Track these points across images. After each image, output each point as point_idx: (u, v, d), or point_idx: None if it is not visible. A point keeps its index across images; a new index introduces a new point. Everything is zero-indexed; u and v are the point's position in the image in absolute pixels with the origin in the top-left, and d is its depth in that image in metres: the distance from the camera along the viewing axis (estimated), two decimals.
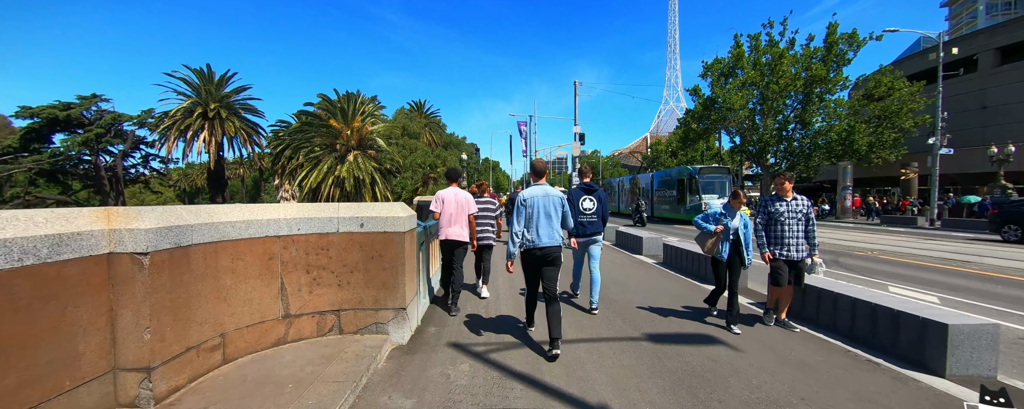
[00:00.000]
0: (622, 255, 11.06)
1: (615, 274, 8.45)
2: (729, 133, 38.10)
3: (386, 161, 28.47)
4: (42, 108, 24.96)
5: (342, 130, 26.23)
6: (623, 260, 10.18)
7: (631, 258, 10.56)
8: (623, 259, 10.35)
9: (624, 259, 10.35)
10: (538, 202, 4.20)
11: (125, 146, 29.32)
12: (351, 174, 24.78)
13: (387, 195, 28.09)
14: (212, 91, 25.49)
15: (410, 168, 40.49)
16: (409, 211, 4.42)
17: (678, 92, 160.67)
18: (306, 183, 24.76)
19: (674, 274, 8.36)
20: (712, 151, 58.40)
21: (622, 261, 10.03)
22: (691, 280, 7.77)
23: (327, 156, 25.66)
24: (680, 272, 8.50)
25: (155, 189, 36.31)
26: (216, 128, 24.92)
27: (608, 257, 10.39)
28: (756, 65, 32.85)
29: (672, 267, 9.05)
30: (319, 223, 3.92)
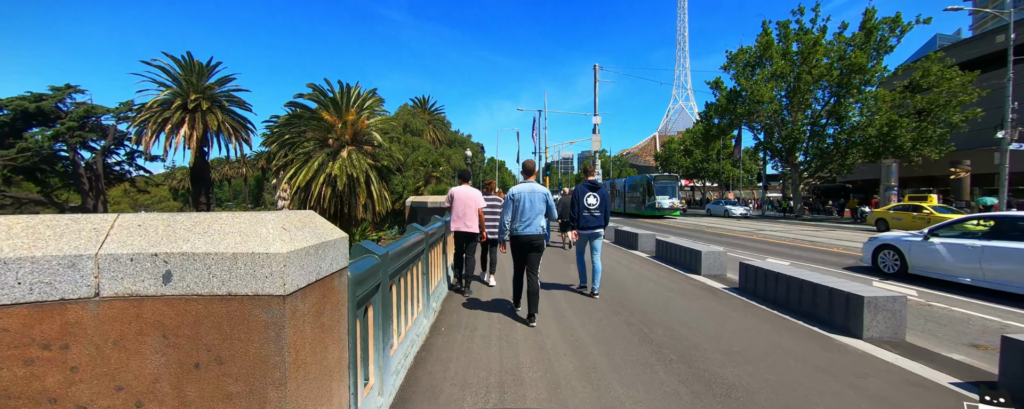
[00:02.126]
0: (619, 251, 11.80)
1: (611, 265, 9.35)
2: (753, 129, 35.42)
3: (384, 158, 26.23)
4: (11, 99, 23.02)
5: (335, 124, 24.02)
6: (620, 255, 11.04)
7: (628, 253, 11.42)
8: (620, 254, 11.14)
9: (621, 254, 11.14)
10: (525, 197, 5.00)
11: (106, 142, 27.36)
12: (344, 172, 22.57)
13: (384, 195, 25.85)
14: (194, 81, 23.39)
15: (412, 166, 38.26)
16: (317, 233, 1.88)
17: (687, 90, 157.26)
18: (294, 181, 22.58)
19: (663, 265, 9.44)
20: (729, 149, 55.58)
21: (618, 256, 10.84)
22: (674, 268, 8.99)
23: (318, 152, 23.47)
24: (669, 263, 9.52)
25: (142, 188, 34.40)
26: (197, 122, 22.83)
27: (607, 253, 11.06)
28: (786, 55, 30.16)
29: (663, 259, 10.00)
30: (39, 270, 1.43)
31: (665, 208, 31.34)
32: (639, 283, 7.62)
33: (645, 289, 7.11)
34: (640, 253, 11.36)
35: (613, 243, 13.55)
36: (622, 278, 8.04)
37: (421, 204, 12.37)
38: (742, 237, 17.24)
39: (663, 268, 9.08)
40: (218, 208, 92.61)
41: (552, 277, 8.05)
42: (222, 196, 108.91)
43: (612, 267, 9.13)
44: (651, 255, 10.91)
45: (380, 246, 3.49)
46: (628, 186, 35.32)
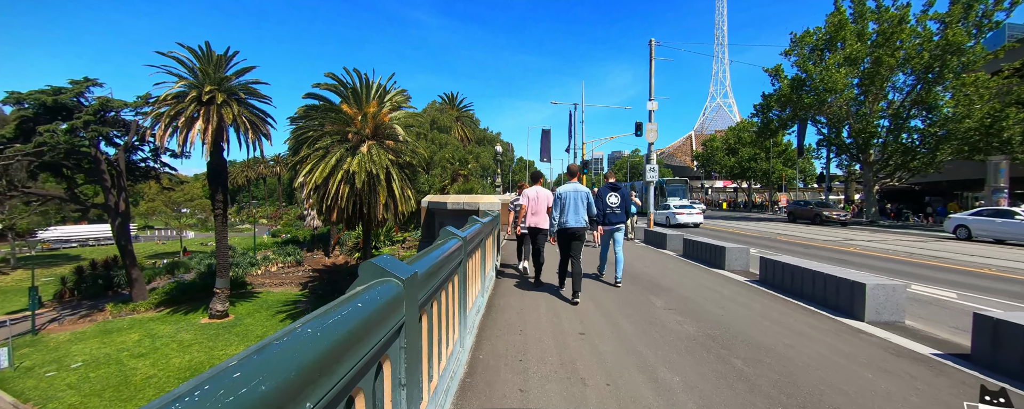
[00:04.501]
0: (649, 250, 11.80)
1: (638, 262, 9.70)
2: (816, 123, 31.46)
3: (407, 154, 24.26)
4: (30, 93, 22.41)
5: (354, 116, 22.19)
6: (646, 252, 11.14)
7: (659, 252, 11.42)
8: (651, 254, 11.07)
9: (652, 254, 11.08)
10: (569, 195, 5.98)
11: (129, 137, 26.66)
12: (363, 168, 20.66)
13: (408, 193, 23.83)
14: (210, 73, 22.08)
15: (439, 164, 36.35)
16: None
17: (726, 87, 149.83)
18: (310, 179, 20.86)
19: (690, 262, 9.92)
20: (780, 147, 50.92)
21: (644, 253, 11.03)
22: (699, 264, 9.50)
23: (337, 147, 21.69)
24: (697, 260, 9.99)
25: (167, 186, 33.94)
26: (212, 115, 21.47)
27: (635, 252, 11.22)
28: (862, 36, 26.32)
29: (690, 257, 10.42)
30: None
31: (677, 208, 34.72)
32: (664, 274, 8.26)
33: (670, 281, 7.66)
34: (669, 252, 11.73)
35: (642, 243, 13.41)
36: (648, 270, 8.67)
37: (439, 205, 10.19)
38: (832, 248, 14.09)
39: (688, 264, 9.78)
40: (251, 207, 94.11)
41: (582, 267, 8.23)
42: (258, 194, 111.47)
43: (642, 262, 9.60)
44: (678, 253, 11.31)
45: None
46: (643, 188, 39.74)
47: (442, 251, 2.60)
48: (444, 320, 2.77)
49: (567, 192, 5.96)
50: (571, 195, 5.94)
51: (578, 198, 5.94)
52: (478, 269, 4.86)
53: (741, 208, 62.35)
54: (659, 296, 6.26)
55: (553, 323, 4.90)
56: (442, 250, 2.64)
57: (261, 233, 65.39)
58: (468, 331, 3.89)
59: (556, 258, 8.46)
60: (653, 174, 15.76)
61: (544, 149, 40.35)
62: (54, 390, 17.30)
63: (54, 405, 16.27)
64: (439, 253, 2.53)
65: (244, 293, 30.61)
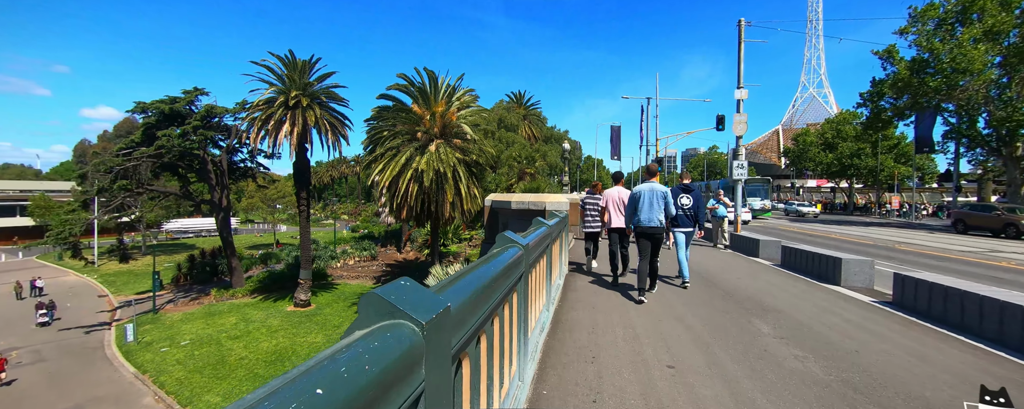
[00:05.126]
0: (740, 259, 10.71)
1: (728, 273, 8.94)
2: (941, 111, 26.69)
3: (474, 152, 24.24)
4: (152, 103, 25.60)
5: (423, 116, 22.58)
6: (742, 265, 9.96)
7: (750, 261, 10.39)
8: (742, 264, 10.04)
9: (743, 263, 10.06)
10: (646, 195, 6.04)
11: (230, 140, 29.55)
12: (431, 167, 20.92)
13: (475, 192, 23.82)
14: (296, 79, 23.69)
15: (506, 163, 36.21)
16: None
17: (820, 75, 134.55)
18: (382, 178, 21.54)
19: (791, 274, 8.87)
20: (891, 141, 44.32)
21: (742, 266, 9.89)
22: (804, 278, 8.39)
23: (407, 146, 22.20)
24: (799, 272, 8.91)
25: (262, 184, 37.34)
26: (298, 118, 23.01)
27: (724, 261, 10.28)
28: (1007, 3, 21.79)
29: (791, 268, 9.35)
30: None
31: (757, 209, 32.30)
32: (764, 289, 7.78)
33: None
34: (762, 260, 10.51)
35: (729, 249, 12.33)
36: (742, 283, 7.96)
37: (503, 204, 9.66)
38: (976, 261, 11.52)
39: (790, 276, 8.94)
40: (334, 204, 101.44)
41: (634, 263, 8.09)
42: (340, 192, 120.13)
43: (733, 273, 8.93)
44: (774, 263, 10.17)
45: None
46: (722, 186, 35.55)
47: (493, 267, 1.99)
48: (497, 352, 2.16)
49: (642, 191, 6.05)
50: (646, 194, 6.01)
51: (654, 197, 5.98)
52: (543, 280, 4.21)
53: (839, 210, 55.42)
54: (764, 319, 5.17)
55: (633, 348, 4.11)
56: (493, 266, 2.03)
57: (342, 228, 70.20)
58: (529, 358, 3.25)
59: (626, 259, 8.27)
60: (742, 171, 14.04)
61: (614, 147, 38.67)
62: (166, 364, 19.49)
63: (165, 378, 18.27)
64: (489, 271, 1.92)
65: (325, 284, 32.74)
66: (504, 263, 2.21)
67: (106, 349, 21.50)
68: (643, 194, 6.01)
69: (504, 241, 2.73)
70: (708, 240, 14.24)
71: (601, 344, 4.14)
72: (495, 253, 2.41)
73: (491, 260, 2.16)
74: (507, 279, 2.24)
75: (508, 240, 2.73)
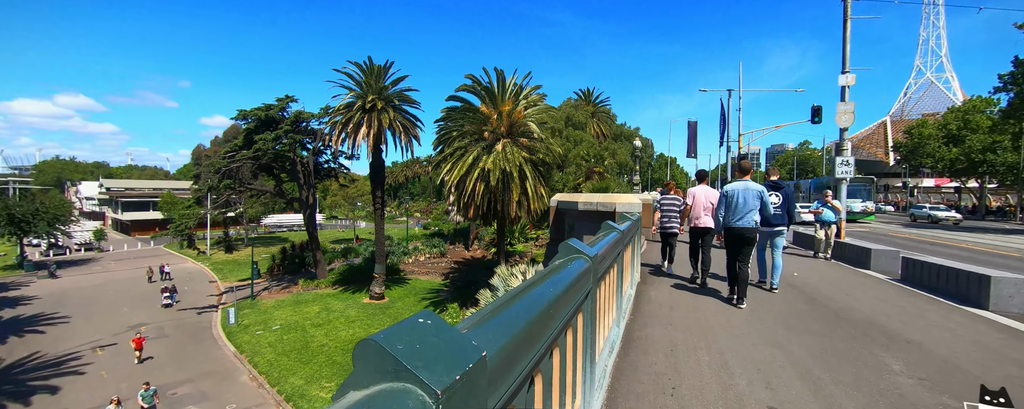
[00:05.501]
0: (848, 272, 9.35)
1: (833, 287, 8.00)
2: None
3: (541, 151, 23.90)
4: (252, 110, 28.41)
5: (490, 115, 22.68)
6: (851, 279, 8.77)
7: (860, 274, 9.08)
8: (851, 277, 8.81)
9: (852, 276, 8.85)
10: (739, 193, 5.70)
11: (315, 143, 31.98)
12: (497, 166, 20.91)
13: (541, 191, 23.49)
14: (372, 83, 24.97)
15: (573, 161, 35.45)
16: None
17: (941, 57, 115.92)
18: (449, 178, 21.96)
19: (917, 291, 7.57)
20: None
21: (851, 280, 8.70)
22: (935, 297, 7.09)
23: (474, 146, 22.42)
24: (928, 291, 7.85)
25: (344, 183, 40.04)
26: (373, 121, 24.24)
27: (825, 273, 9.16)
28: None
29: (916, 285, 8.11)
30: None
31: (856, 212, 29.51)
32: (884, 311, 6.33)
33: None
34: (875, 274, 8.96)
35: (833, 259, 10.75)
36: (855, 302, 6.67)
37: (569, 205, 9.11)
38: None
39: (916, 295, 7.38)
40: (407, 202, 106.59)
41: (718, 268, 7.69)
42: (413, 190, 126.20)
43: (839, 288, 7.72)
44: (892, 277, 8.62)
45: None
46: (815, 187, 32.44)
47: (553, 288, 1.60)
48: (557, 389, 1.77)
49: (736, 190, 5.73)
50: (740, 193, 5.69)
51: (750, 196, 5.67)
52: (613, 294, 3.73)
53: (967, 213, 47.32)
54: (890, 352, 4.19)
55: (722, 380, 3.47)
56: (553, 285, 1.64)
57: (415, 225, 73.50)
58: (597, 386, 2.80)
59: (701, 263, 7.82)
60: (847, 169, 12.21)
61: (691, 144, 36.27)
62: (259, 346, 21.48)
63: (259, 358, 20.10)
64: (547, 293, 1.53)
65: (398, 279, 34.31)
66: (568, 280, 1.81)
67: (213, 329, 24.21)
68: (736, 193, 5.69)
69: (568, 251, 2.32)
70: (802, 247, 12.58)
71: (682, 372, 3.56)
72: (556, 267, 2.01)
73: (550, 277, 1.76)
74: (571, 300, 1.84)
75: (573, 250, 2.31)
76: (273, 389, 17.36)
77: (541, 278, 1.69)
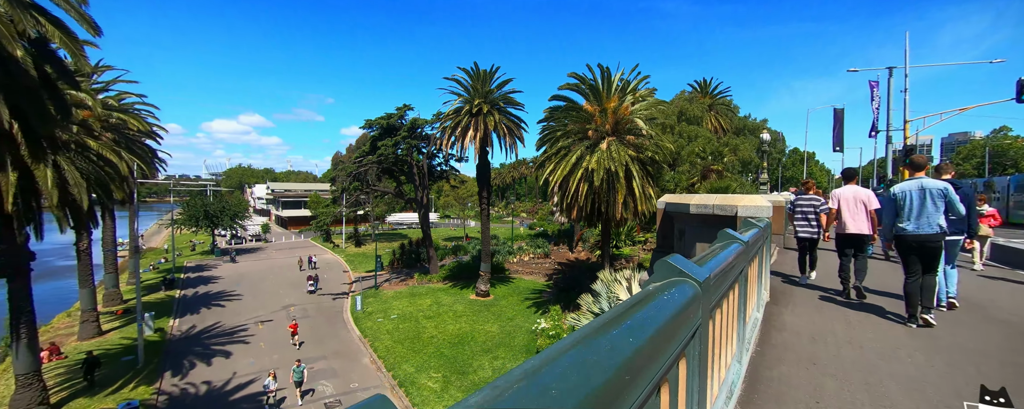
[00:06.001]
0: None
1: None
2: None
3: (650, 149, 22.37)
4: (376, 119, 31.56)
5: (594, 113, 21.82)
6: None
7: None
8: None
9: None
10: (911, 194, 4.95)
11: (429, 147, 34.39)
12: (601, 165, 20.03)
13: (649, 191, 21.97)
14: (478, 88, 25.90)
15: (687, 159, 32.65)
16: None
17: None
18: (552, 178, 21.65)
19: None
20: None
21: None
22: None
23: (577, 145, 21.81)
24: None
25: (455, 184, 42.40)
26: (479, 124, 25.12)
27: None
28: None
29: None
30: None
31: None
32: None
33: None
34: None
35: None
36: None
37: (679, 207, 8.00)
38: None
39: None
40: (513, 203, 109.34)
41: (879, 285, 6.59)
42: (520, 191, 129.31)
43: None
44: None
45: None
46: (1015, 186, 26.70)
47: (641, 332, 1.11)
48: None
49: (907, 190, 5.06)
50: (912, 193, 5.00)
51: (928, 196, 4.92)
52: (732, 323, 2.98)
53: None
54: None
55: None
56: (641, 326, 1.15)
57: (521, 225, 75.10)
58: None
59: None
60: None
61: (836, 135, 30.82)
62: (379, 332, 23.66)
63: (378, 344, 22.12)
64: (629, 342, 1.05)
65: (502, 277, 35.18)
66: (663, 318, 1.29)
67: (344, 314, 27.39)
68: (908, 193, 4.98)
69: (667, 272, 1.76)
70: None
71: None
72: (647, 296, 1.48)
73: (635, 314, 1.26)
74: (667, 346, 1.32)
75: (673, 271, 1.74)
76: (388, 373, 18.90)
77: (619, 316, 1.21)
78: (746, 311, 3.52)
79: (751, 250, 3.75)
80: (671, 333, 1.33)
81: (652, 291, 1.52)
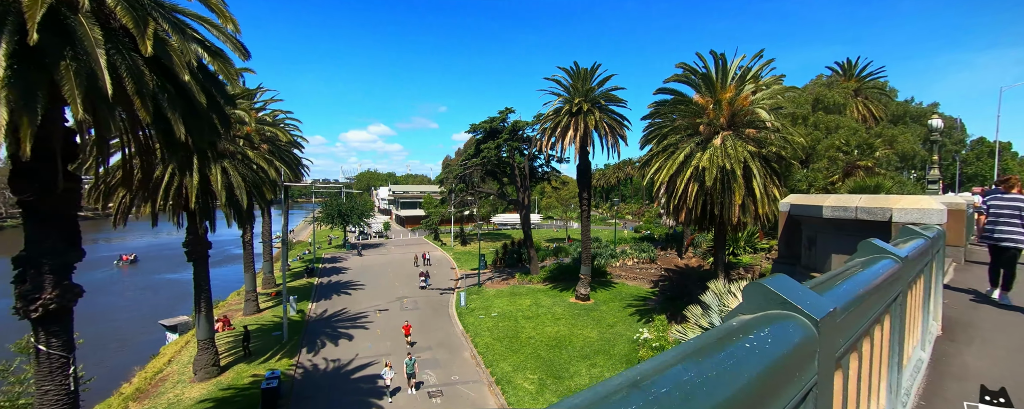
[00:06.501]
0: None
1: None
2: None
3: (775, 143, 19.65)
4: (481, 123, 32.82)
5: (706, 106, 19.77)
6: None
7: None
8: None
9: None
10: None
11: (530, 149, 34.74)
12: (714, 163, 18.06)
13: (773, 191, 19.27)
14: (578, 87, 25.32)
15: (823, 154, 27.99)
16: None
17: None
18: (657, 178, 20.14)
19: None
20: None
21: None
22: None
23: (686, 142, 20.01)
24: None
25: (556, 186, 42.27)
26: (579, 123, 24.53)
27: None
28: None
29: None
30: None
31: None
32: None
33: None
34: None
35: None
36: None
37: (808, 210, 6.46)
38: None
39: None
40: (618, 204, 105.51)
41: None
42: (625, 192, 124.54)
43: None
44: None
45: None
46: None
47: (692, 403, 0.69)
48: None
49: None
50: None
51: None
52: (878, 370, 2.19)
53: None
54: None
55: None
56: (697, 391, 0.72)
57: (626, 228, 72.11)
58: None
59: None
60: None
61: None
62: (480, 329, 24.46)
63: (478, 340, 22.87)
64: None
65: (604, 281, 34.01)
66: (744, 379, 0.85)
67: (449, 308, 28.95)
68: None
69: (766, 301, 1.22)
70: None
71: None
72: (726, 336, 1.03)
73: (702, 359, 0.84)
74: None
75: (779, 301, 1.21)
76: (487, 370, 19.37)
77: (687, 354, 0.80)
78: (902, 353, 2.63)
79: (912, 269, 2.81)
80: (754, 399, 0.88)
81: (734, 329, 1.06)
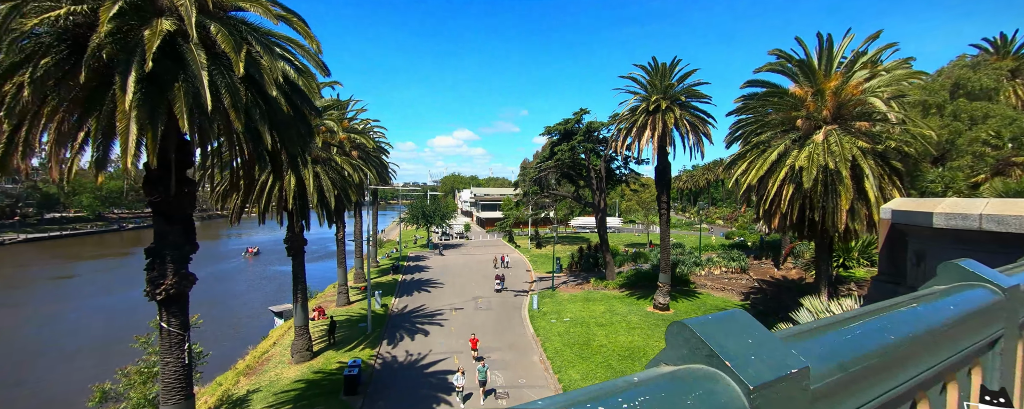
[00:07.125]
0: None
1: None
2: None
3: (894, 137, 16.89)
4: (555, 126, 32.59)
5: (804, 97, 17.50)
6: None
7: None
8: None
9: None
10: None
11: (606, 150, 33.70)
12: (814, 162, 15.92)
13: (893, 194, 16.49)
14: (657, 84, 23.94)
15: (965, 151, 23.33)
16: None
17: None
18: (744, 180, 18.27)
19: None
20: None
21: None
22: None
23: (780, 139, 17.93)
24: None
25: (635, 188, 40.47)
26: (657, 122, 23.18)
27: None
28: None
29: None
30: None
31: None
32: None
33: None
34: None
35: None
36: None
37: (916, 218, 5.06)
38: None
39: None
40: (707, 208, 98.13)
41: None
42: (716, 196, 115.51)
43: None
44: None
45: None
46: None
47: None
48: None
49: None
50: None
51: None
52: None
53: None
54: None
55: None
56: None
57: (715, 234, 66.89)
58: None
59: None
60: None
61: None
62: (550, 333, 24.17)
63: (548, 345, 22.61)
64: None
65: (686, 291, 31.78)
66: None
67: (521, 310, 29.07)
68: None
69: (954, 275, 0.99)
70: None
71: None
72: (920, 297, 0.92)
73: None
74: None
75: (966, 276, 0.97)
76: (555, 376, 19.06)
77: None
78: None
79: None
80: None
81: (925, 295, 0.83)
